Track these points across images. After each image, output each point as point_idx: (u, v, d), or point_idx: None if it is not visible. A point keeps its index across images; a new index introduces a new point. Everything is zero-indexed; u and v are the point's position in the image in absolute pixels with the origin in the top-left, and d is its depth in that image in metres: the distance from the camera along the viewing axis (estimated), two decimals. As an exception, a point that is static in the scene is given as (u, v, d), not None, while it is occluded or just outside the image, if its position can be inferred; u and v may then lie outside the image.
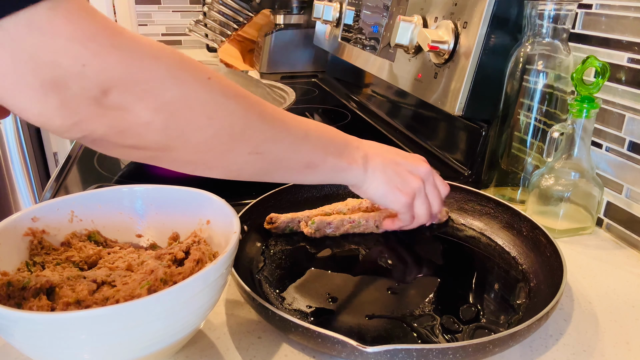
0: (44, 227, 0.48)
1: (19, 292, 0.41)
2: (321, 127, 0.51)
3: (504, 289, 0.54)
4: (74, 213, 0.50)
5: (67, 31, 0.31)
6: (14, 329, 0.35)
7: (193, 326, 0.41)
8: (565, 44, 0.67)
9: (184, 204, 0.52)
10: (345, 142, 0.52)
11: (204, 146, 0.40)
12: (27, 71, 0.30)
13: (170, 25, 2.22)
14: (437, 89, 0.81)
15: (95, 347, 0.36)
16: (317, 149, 0.49)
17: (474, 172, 0.81)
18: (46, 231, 0.48)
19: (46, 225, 0.48)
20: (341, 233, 0.63)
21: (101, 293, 0.42)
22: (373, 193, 0.55)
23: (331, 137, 0.51)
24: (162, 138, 0.37)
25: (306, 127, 0.48)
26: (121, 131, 0.35)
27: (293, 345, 0.47)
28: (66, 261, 0.47)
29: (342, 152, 0.51)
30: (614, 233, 0.68)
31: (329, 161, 0.50)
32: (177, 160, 0.40)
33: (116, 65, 0.33)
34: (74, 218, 0.50)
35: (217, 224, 0.49)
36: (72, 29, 0.31)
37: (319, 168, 0.50)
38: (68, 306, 0.40)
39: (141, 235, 0.53)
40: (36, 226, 0.48)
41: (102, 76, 0.32)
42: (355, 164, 0.53)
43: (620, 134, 0.65)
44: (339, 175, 0.52)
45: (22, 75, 0.30)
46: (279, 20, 1.53)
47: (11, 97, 0.31)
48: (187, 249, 0.47)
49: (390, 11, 1.02)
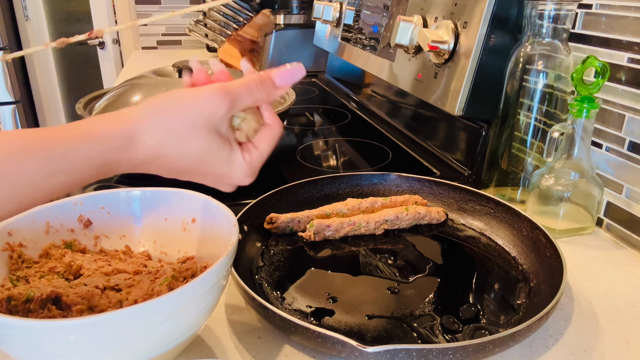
0: (21, 240, 0.47)
1: (23, 305, 0.40)
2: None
3: (504, 289, 0.54)
4: (49, 224, 0.49)
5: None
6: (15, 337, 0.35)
7: (195, 328, 0.41)
8: (565, 44, 0.67)
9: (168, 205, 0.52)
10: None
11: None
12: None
13: (170, 25, 2.22)
14: (437, 89, 0.81)
15: (98, 352, 0.36)
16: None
17: (474, 172, 0.81)
18: (23, 244, 0.47)
19: (23, 238, 0.47)
20: (341, 236, 0.63)
21: (108, 298, 0.42)
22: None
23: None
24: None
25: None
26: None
27: (293, 345, 0.47)
28: (50, 272, 0.46)
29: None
30: (614, 233, 0.68)
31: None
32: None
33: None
34: (50, 229, 0.49)
35: (213, 225, 0.49)
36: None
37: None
38: (82, 313, 0.40)
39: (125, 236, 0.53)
40: (13, 240, 0.46)
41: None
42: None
43: (620, 134, 0.65)
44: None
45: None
46: (279, 20, 1.53)
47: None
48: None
49: (390, 11, 1.02)
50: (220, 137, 0.40)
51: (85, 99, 0.83)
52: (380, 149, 0.97)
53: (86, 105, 0.81)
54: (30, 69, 2.84)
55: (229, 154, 0.40)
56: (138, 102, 0.74)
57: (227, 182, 0.42)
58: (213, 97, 0.39)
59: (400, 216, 0.64)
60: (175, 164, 0.39)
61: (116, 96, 0.78)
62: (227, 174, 0.41)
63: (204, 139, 0.39)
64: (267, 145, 0.43)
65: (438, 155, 0.91)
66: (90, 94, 0.85)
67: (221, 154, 0.40)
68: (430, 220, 0.66)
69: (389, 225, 0.64)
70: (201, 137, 0.39)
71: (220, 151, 0.40)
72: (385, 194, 0.72)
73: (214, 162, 0.40)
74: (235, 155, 0.41)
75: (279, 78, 0.42)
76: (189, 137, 0.38)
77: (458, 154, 0.86)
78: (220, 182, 0.42)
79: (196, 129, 0.38)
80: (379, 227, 0.64)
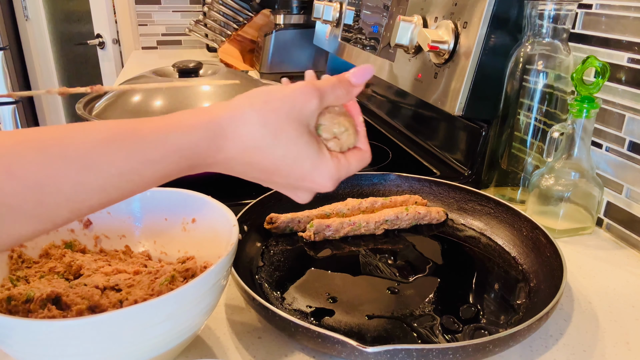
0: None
1: (23, 305, 0.40)
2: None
3: (504, 289, 0.54)
4: None
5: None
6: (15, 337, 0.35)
7: (195, 328, 0.41)
8: (565, 44, 0.67)
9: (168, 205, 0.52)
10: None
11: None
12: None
13: (170, 25, 2.22)
14: (437, 89, 0.81)
15: (98, 352, 0.36)
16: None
17: (474, 172, 0.81)
18: (23, 244, 0.47)
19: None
20: (341, 236, 0.63)
21: (108, 298, 0.42)
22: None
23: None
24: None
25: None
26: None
27: (293, 345, 0.47)
28: (50, 273, 0.46)
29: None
30: (614, 233, 0.68)
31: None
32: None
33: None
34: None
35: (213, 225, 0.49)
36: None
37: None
38: (82, 313, 0.40)
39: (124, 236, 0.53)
40: None
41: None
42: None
43: (620, 134, 0.65)
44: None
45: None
46: (279, 20, 1.53)
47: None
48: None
49: (390, 11, 1.02)
50: (309, 132, 0.39)
51: (85, 99, 0.83)
52: (380, 149, 0.97)
53: (86, 105, 0.81)
54: (30, 69, 2.84)
55: (317, 152, 0.40)
56: (138, 102, 0.75)
57: (309, 185, 0.41)
58: (305, 91, 0.39)
59: (400, 216, 0.64)
60: (263, 159, 0.38)
61: (116, 96, 0.78)
62: (311, 174, 0.40)
63: (293, 132, 0.38)
64: (356, 164, 0.43)
65: (438, 155, 0.91)
66: (90, 94, 0.85)
67: (309, 150, 0.39)
68: (430, 220, 0.66)
69: (389, 225, 0.64)
70: (291, 130, 0.38)
71: (308, 147, 0.39)
72: (385, 194, 0.72)
73: (302, 157, 0.39)
74: (324, 155, 0.40)
75: (354, 77, 0.43)
76: (281, 129, 0.38)
77: (458, 154, 0.86)
78: (301, 185, 0.41)
79: (290, 120, 0.38)
80: (379, 227, 0.64)
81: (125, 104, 0.75)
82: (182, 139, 0.35)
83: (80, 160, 0.32)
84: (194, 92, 0.75)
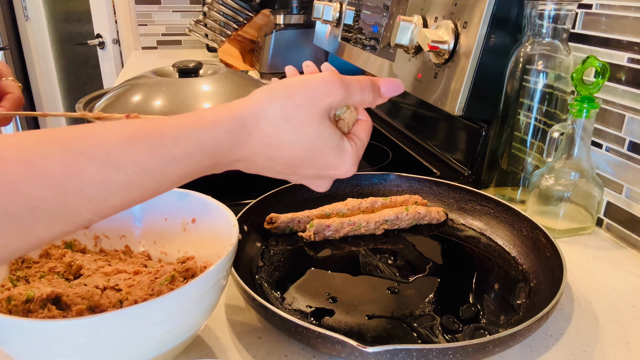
0: None
1: (23, 305, 0.40)
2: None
3: (504, 289, 0.54)
4: None
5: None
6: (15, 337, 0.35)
7: (195, 328, 0.41)
8: (565, 44, 0.67)
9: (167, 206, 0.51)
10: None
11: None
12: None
13: (170, 25, 2.22)
14: (437, 89, 0.81)
15: (98, 352, 0.36)
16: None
17: (474, 172, 0.81)
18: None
19: None
20: (341, 236, 0.63)
21: (108, 298, 0.42)
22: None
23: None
24: None
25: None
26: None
27: (293, 345, 0.47)
28: (50, 273, 0.46)
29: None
30: (614, 233, 0.68)
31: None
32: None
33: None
34: None
35: (213, 225, 0.49)
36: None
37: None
38: (82, 313, 0.40)
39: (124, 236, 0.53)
40: None
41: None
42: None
43: (620, 134, 0.65)
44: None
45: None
46: (279, 20, 1.53)
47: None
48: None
49: (390, 11, 1.02)
50: (332, 124, 0.39)
51: (85, 99, 0.83)
52: (380, 149, 0.97)
53: (86, 105, 0.81)
54: (30, 69, 2.84)
55: (340, 142, 0.40)
56: (138, 102, 0.75)
57: (332, 172, 0.41)
58: (330, 83, 0.39)
59: (400, 216, 0.64)
60: (287, 153, 0.38)
61: (116, 96, 0.78)
62: (335, 163, 0.40)
63: (317, 125, 0.38)
64: (366, 136, 0.43)
65: (438, 155, 0.91)
66: (90, 94, 0.85)
67: (333, 141, 0.39)
68: (430, 220, 0.66)
69: (389, 225, 0.64)
70: (315, 123, 0.38)
71: (332, 138, 0.39)
72: (385, 194, 0.72)
73: (326, 149, 0.39)
74: (345, 143, 0.40)
75: (385, 87, 0.42)
76: (303, 122, 0.38)
77: (458, 154, 0.86)
78: (324, 173, 0.41)
79: (312, 114, 0.38)
80: (379, 227, 0.64)
81: (126, 103, 0.75)
82: (204, 136, 0.35)
83: (103, 157, 0.32)
84: (194, 92, 0.75)
